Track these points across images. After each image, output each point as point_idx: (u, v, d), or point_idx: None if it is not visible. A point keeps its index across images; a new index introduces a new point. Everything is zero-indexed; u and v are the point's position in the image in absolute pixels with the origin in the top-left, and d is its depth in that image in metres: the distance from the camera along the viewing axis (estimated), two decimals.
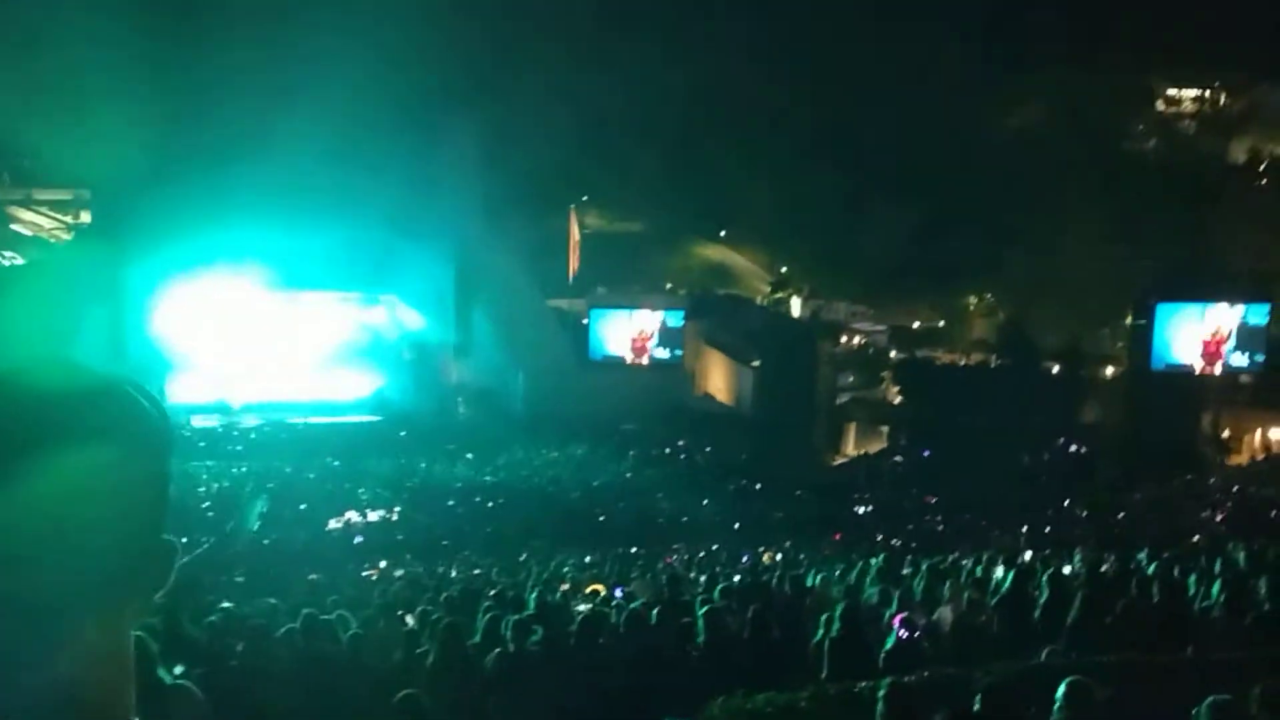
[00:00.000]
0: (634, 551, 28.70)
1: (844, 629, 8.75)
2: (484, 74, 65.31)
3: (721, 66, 75.43)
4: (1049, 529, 30.56)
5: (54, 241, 58.15)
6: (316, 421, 48.33)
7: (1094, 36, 68.87)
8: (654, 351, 57.66)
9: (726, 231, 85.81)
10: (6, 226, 57.78)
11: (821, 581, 13.48)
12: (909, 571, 15.07)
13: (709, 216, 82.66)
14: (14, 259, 54.22)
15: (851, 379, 62.42)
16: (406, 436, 47.73)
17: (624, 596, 13.89)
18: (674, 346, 58.09)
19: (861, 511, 38.84)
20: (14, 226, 58.30)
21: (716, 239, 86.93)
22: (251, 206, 47.75)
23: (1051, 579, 11.33)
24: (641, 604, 10.38)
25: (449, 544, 32.38)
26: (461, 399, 53.82)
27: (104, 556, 1.13)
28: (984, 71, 72.28)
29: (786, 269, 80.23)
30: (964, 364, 64.54)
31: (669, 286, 70.03)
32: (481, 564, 26.81)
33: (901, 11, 72.65)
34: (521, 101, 69.17)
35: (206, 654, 7.97)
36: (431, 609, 11.94)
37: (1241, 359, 51.02)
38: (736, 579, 16.22)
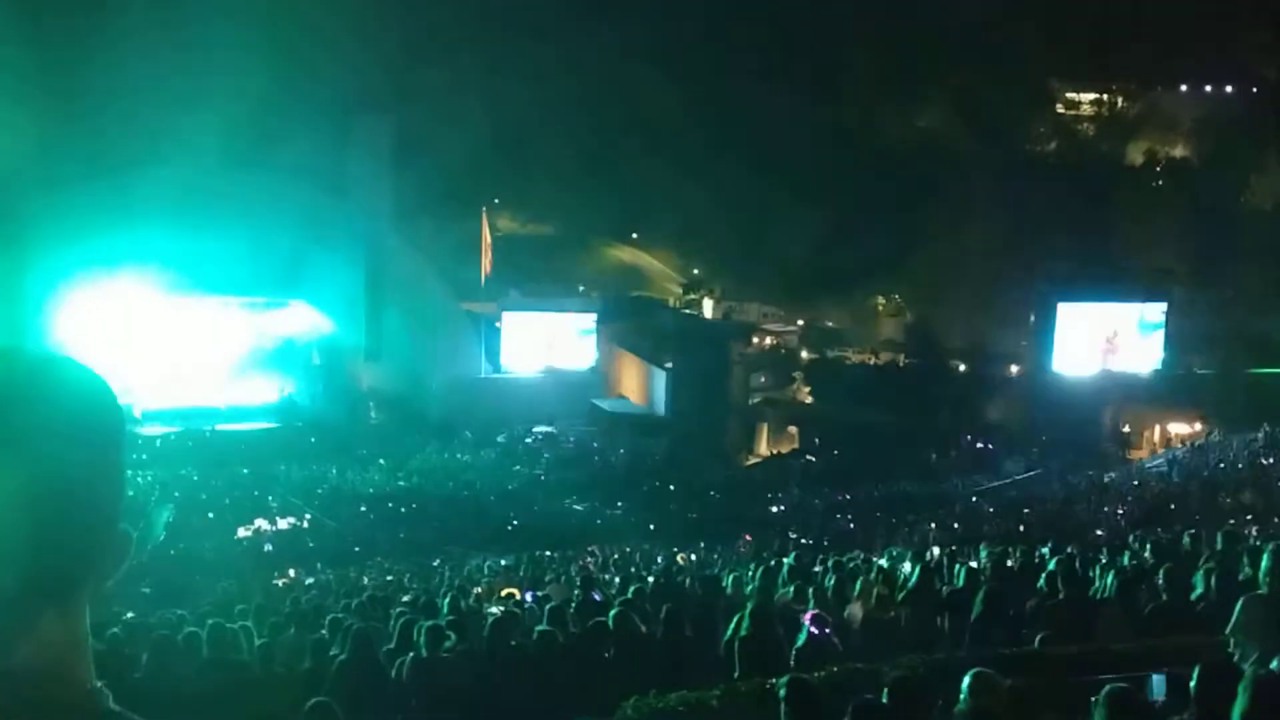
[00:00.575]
0: (549, 554, 28.67)
1: (755, 627, 8.82)
2: (393, 76, 64.73)
3: (631, 69, 75.62)
4: (956, 525, 31.14)
5: None
6: (224, 428, 47.43)
7: (995, 40, 70.23)
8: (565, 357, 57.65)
9: (638, 234, 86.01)
10: None
11: (734, 581, 13.57)
12: (820, 569, 15.23)
13: (621, 219, 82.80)
14: None
15: (763, 379, 62.84)
16: (317, 443, 47.10)
17: (535, 600, 13.87)
18: (586, 350, 58.18)
19: (774, 511, 39.19)
20: None
21: (629, 241, 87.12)
22: (156, 209, 46.81)
23: (957, 574, 11.55)
24: (554, 606, 10.38)
25: (361, 550, 32.13)
26: (373, 404, 53.20)
27: (65, 547, 1.16)
28: (890, 75, 73.33)
29: (698, 271, 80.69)
30: (873, 364, 65.35)
31: (581, 289, 69.93)
32: (395, 570, 26.62)
33: (808, 15, 73.39)
34: (432, 104, 68.67)
35: (108, 666, 7.82)
36: (343, 616, 11.82)
37: (1140, 356, 52.36)
38: (650, 580, 16.28)
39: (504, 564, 26.19)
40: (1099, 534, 23.86)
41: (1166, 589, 9.79)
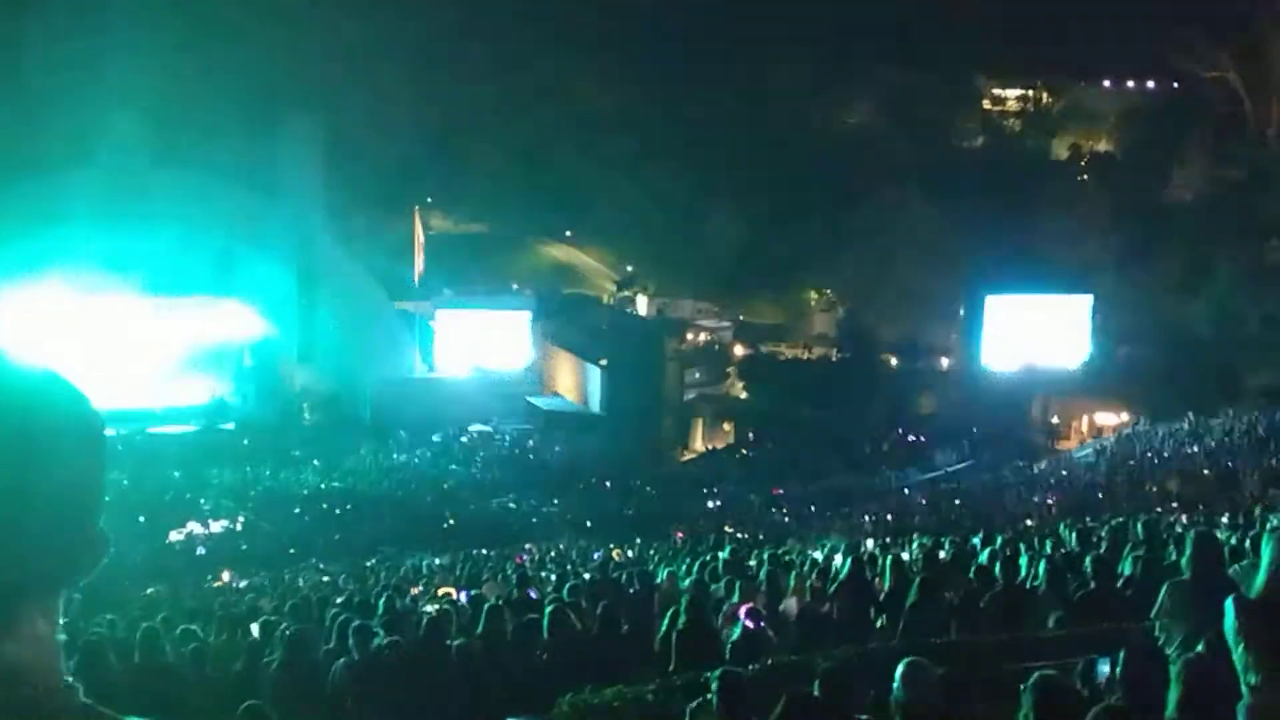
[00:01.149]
0: (485, 553, 28.59)
1: (690, 621, 8.86)
2: (324, 75, 64.10)
3: (562, 67, 75.49)
4: (890, 517, 31.46)
5: None
6: (155, 431, 46.66)
7: (923, 38, 70.98)
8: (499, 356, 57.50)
9: (572, 232, 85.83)
10: None
11: (669, 576, 13.62)
12: (755, 563, 15.33)
13: (555, 217, 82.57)
14: None
15: (698, 375, 63.00)
16: (250, 444, 46.56)
17: (471, 599, 13.82)
18: (521, 349, 58.08)
19: (710, 506, 39.35)
20: None
21: (562, 239, 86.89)
22: (83, 209, 46.03)
23: (889, 565, 11.67)
24: (489, 605, 10.35)
25: (296, 552, 31.85)
26: (307, 404, 52.61)
27: (50, 547, 1.18)
28: (818, 72, 73.81)
29: (632, 268, 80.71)
30: (806, 359, 65.77)
31: (515, 287, 69.66)
32: (330, 571, 26.41)
33: (738, 11, 73.68)
34: (363, 102, 68.07)
35: None
36: (276, 618, 11.71)
37: (1067, 347, 53.19)
38: (586, 576, 16.29)
39: (440, 564, 26.09)
40: (1029, 523, 24.21)
41: (1094, 575, 9.96)
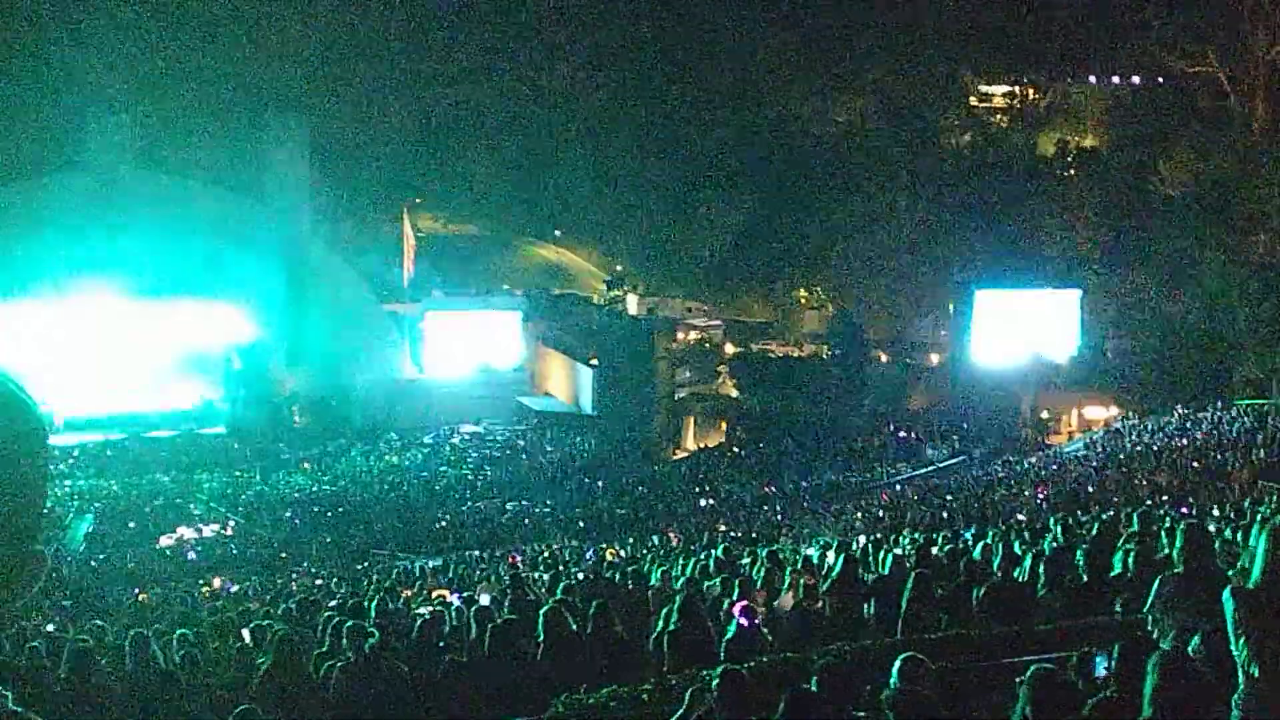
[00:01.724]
0: (478, 554, 28.58)
1: (684, 620, 8.84)
2: (310, 76, 63.94)
3: (550, 67, 75.49)
4: (882, 513, 31.48)
5: None
6: (144, 436, 46.55)
7: (910, 36, 71.06)
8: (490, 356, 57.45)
9: (561, 232, 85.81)
10: None
11: (662, 575, 13.60)
12: (748, 561, 15.32)
13: (543, 217, 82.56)
14: None
15: (689, 374, 62.96)
16: (240, 448, 46.47)
17: (464, 601, 13.79)
18: (511, 349, 58.01)
19: (703, 504, 39.35)
20: None
21: (552, 240, 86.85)
22: (69, 214, 45.98)
23: (882, 561, 11.67)
24: (482, 606, 10.32)
25: (287, 556, 31.79)
26: (296, 408, 52.47)
27: None
28: (806, 70, 73.87)
29: (621, 267, 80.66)
30: (797, 356, 65.77)
31: (505, 288, 69.61)
32: (321, 574, 26.35)
33: (726, 11, 73.72)
34: (350, 104, 67.98)
35: (26, 680, 7.64)
36: (268, 623, 11.66)
37: (1056, 342, 53.30)
38: (580, 576, 16.27)
39: (433, 566, 26.04)
40: (1020, 518, 24.23)
41: (1086, 569, 9.97)
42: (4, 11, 52.14)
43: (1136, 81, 73.19)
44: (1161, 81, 68.60)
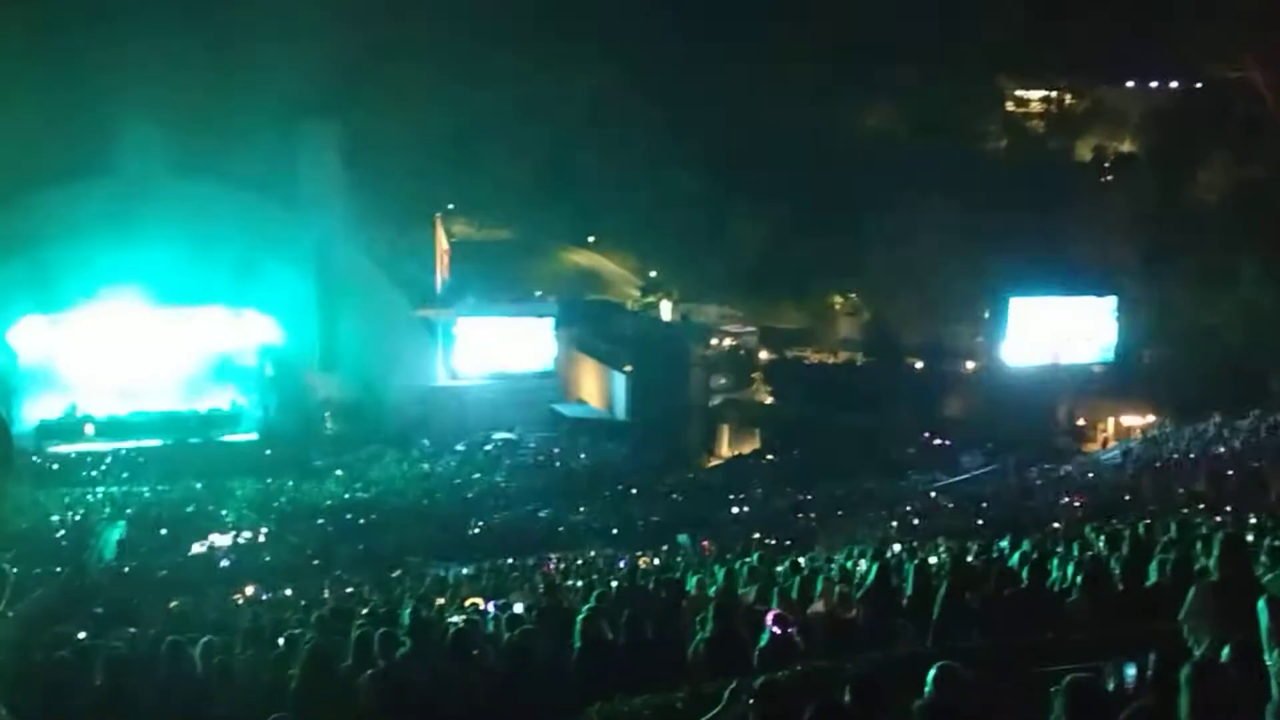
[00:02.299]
0: (511, 562, 28.59)
1: (718, 628, 8.82)
2: (342, 81, 64.23)
3: (584, 72, 75.53)
4: (916, 521, 31.32)
5: None
6: (176, 442, 46.81)
7: (946, 39, 70.70)
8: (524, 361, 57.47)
9: (595, 238, 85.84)
10: None
11: (697, 583, 13.56)
12: (782, 569, 15.27)
13: (577, 223, 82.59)
14: None
15: (723, 381, 62.89)
16: (272, 455, 46.65)
17: (498, 609, 13.80)
18: (545, 365, 58.00)
19: (736, 512, 39.23)
20: None
21: (585, 245, 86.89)
22: (103, 221, 46.31)
23: (916, 570, 11.60)
24: (516, 614, 10.33)
25: (320, 564, 31.84)
26: (329, 414, 52.64)
27: None
28: (839, 74, 73.60)
29: (655, 273, 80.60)
30: (831, 363, 65.62)
31: (539, 294, 69.63)
32: (354, 582, 26.40)
33: (758, 15, 73.56)
34: (382, 109, 68.22)
35: (58, 688, 7.68)
36: (301, 630, 11.70)
37: (1092, 349, 52.94)
38: (614, 584, 16.24)
39: (466, 573, 26.06)
40: (1056, 526, 24.03)
41: (1123, 579, 9.88)
42: (36, 19, 52.65)
43: (1174, 86, 72.63)
44: (1199, 87, 68.06)
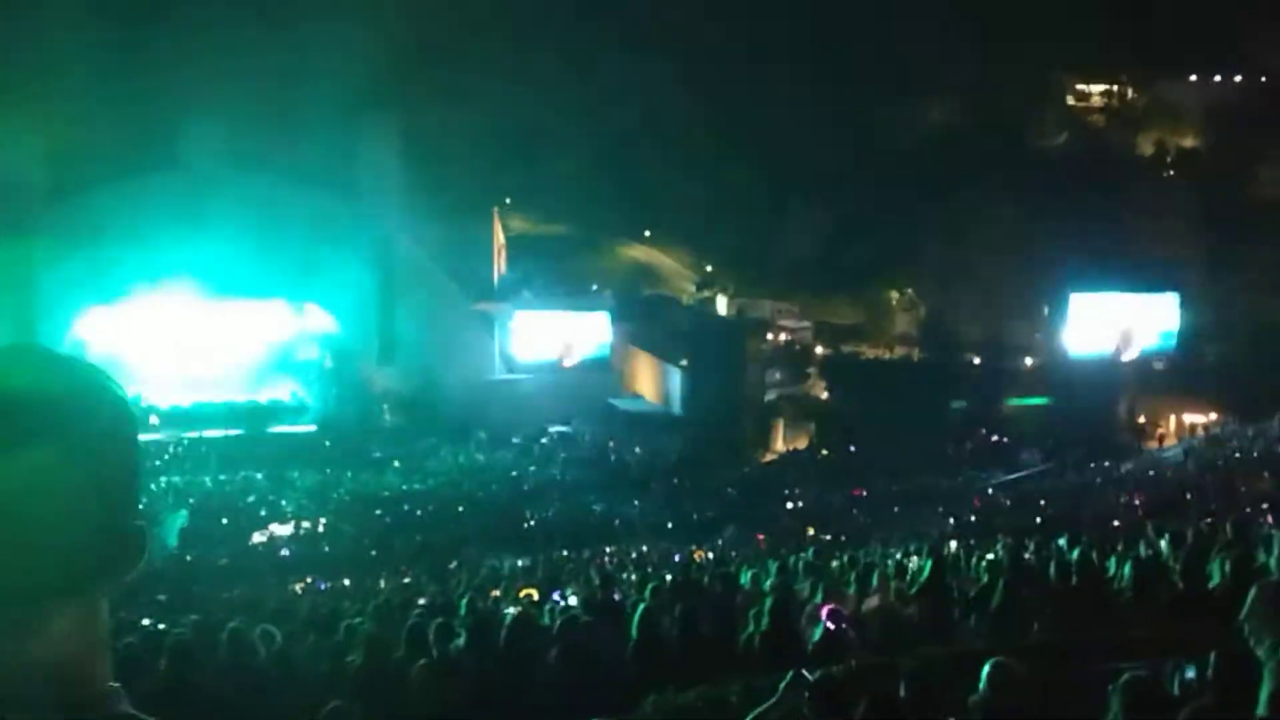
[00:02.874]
0: (566, 554, 28.69)
1: (773, 622, 8.82)
2: (402, 76, 64.73)
3: (642, 68, 75.63)
4: (973, 518, 31.06)
5: None
6: (238, 433, 47.44)
7: (1005, 34, 70.07)
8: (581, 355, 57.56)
9: (651, 232, 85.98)
10: None
11: (752, 578, 13.57)
12: (837, 564, 15.22)
13: (634, 217, 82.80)
14: None
15: (778, 376, 62.76)
16: (331, 446, 47.14)
17: (553, 600, 13.87)
18: (601, 348, 58.02)
19: (791, 507, 39.14)
20: None
21: (641, 240, 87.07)
22: (168, 214, 46.94)
23: (974, 567, 11.53)
24: (571, 606, 10.39)
25: (378, 554, 32.12)
26: (387, 406, 53.14)
27: (83, 543, 1.16)
28: (899, 70, 73.16)
29: (711, 268, 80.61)
30: (888, 358, 65.29)
31: (595, 288, 69.91)
32: (411, 573, 26.62)
33: (818, 10, 73.29)
34: (442, 104, 68.72)
35: (126, 672, 7.83)
36: (359, 620, 11.84)
37: (1153, 345, 52.19)
38: (668, 578, 16.26)
39: (521, 565, 26.20)
40: (1115, 524, 23.73)
41: (1183, 578, 9.76)
42: (103, 16, 53.49)
43: (1237, 80, 71.44)
44: (1263, 80, 66.92)
